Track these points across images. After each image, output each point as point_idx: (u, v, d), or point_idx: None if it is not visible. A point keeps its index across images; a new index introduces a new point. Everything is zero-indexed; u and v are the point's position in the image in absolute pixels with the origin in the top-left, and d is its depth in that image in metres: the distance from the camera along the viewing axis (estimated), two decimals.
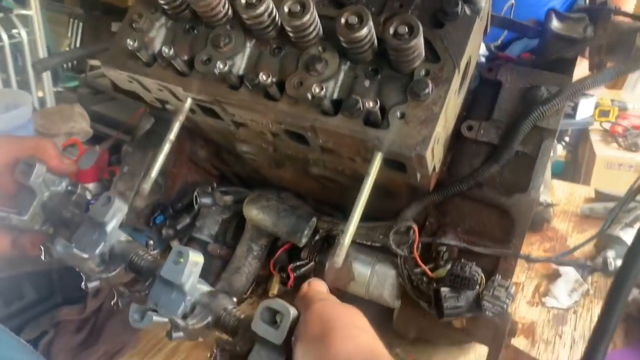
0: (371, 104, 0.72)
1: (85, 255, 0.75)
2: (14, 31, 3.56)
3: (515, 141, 0.90)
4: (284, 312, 0.57)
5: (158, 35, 0.88)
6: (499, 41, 1.06)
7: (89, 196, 1.12)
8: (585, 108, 3.08)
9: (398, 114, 0.75)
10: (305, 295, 0.63)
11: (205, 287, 0.68)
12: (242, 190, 1.11)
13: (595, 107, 3.23)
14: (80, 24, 4.93)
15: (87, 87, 2.77)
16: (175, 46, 0.84)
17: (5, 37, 3.47)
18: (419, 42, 0.73)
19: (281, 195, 1.08)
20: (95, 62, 2.94)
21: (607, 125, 3.22)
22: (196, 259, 0.67)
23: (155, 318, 0.64)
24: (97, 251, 0.76)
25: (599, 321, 0.58)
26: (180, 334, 0.63)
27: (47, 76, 3.67)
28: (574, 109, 2.93)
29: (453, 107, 0.82)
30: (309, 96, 0.77)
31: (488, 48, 1.04)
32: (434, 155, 0.80)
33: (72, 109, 1.81)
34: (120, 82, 0.93)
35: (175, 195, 1.14)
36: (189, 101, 0.86)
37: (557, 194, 1.69)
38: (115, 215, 0.77)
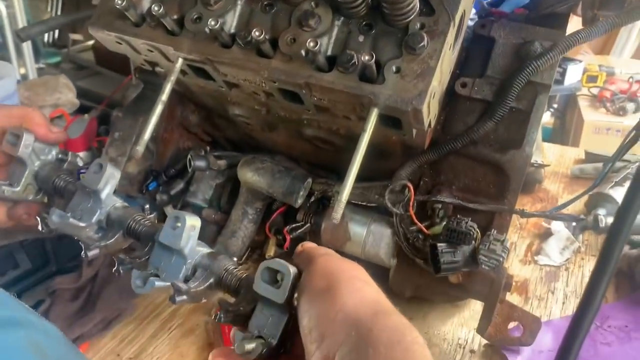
0: (367, 58, 0.71)
1: (82, 224, 0.74)
2: None
3: (510, 97, 0.89)
4: (284, 271, 0.57)
5: None
6: None
7: (80, 164, 1.11)
8: (573, 74, 3.08)
9: (394, 68, 0.74)
10: (305, 252, 0.62)
11: (205, 249, 0.68)
12: (236, 154, 1.10)
13: (583, 73, 3.24)
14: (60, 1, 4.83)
15: (70, 62, 2.71)
16: (164, 4, 0.82)
17: None
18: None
19: (275, 159, 1.08)
20: (77, 37, 2.88)
21: (595, 91, 3.23)
22: (193, 222, 0.67)
23: (158, 283, 0.64)
24: (94, 219, 0.75)
25: (593, 277, 0.59)
26: (184, 297, 0.63)
27: (28, 52, 3.59)
28: (562, 74, 2.94)
29: (448, 62, 0.81)
30: (303, 52, 0.76)
31: (481, 4, 1.03)
32: (430, 110, 0.80)
33: (57, 79, 1.77)
34: (108, 44, 0.91)
35: (168, 162, 1.13)
36: (179, 61, 0.84)
37: (547, 156, 1.70)
38: (109, 181, 0.76)
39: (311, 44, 0.73)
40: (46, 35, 3.13)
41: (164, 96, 0.83)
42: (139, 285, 0.65)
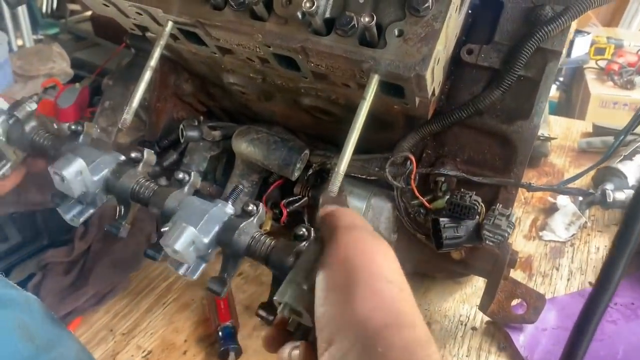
0: (367, 20, 0.67)
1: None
2: None
3: (518, 64, 0.85)
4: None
5: None
6: None
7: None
8: (580, 46, 3.01)
9: (396, 31, 0.69)
10: (326, 221, 0.56)
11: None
12: (231, 125, 1.06)
13: (591, 45, 3.17)
14: None
15: (68, 33, 2.65)
16: None
17: None
18: None
19: (272, 130, 1.04)
20: (75, 7, 2.81)
21: (602, 64, 3.15)
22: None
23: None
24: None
25: (609, 257, 0.55)
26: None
27: (25, 23, 3.51)
28: (569, 47, 2.86)
29: (454, 26, 0.76)
30: (299, 14, 0.71)
31: None
32: (434, 77, 0.75)
33: (50, 48, 1.72)
34: (95, 7, 0.86)
35: (161, 132, 1.09)
36: (169, 25, 0.80)
37: (554, 129, 1.66)
38: None
39: (307, 5, 0.68)
40: (44, 5, 3.07)
41: (153, 62, 0.79)
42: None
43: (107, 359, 0.95)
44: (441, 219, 0.83)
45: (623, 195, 1.22)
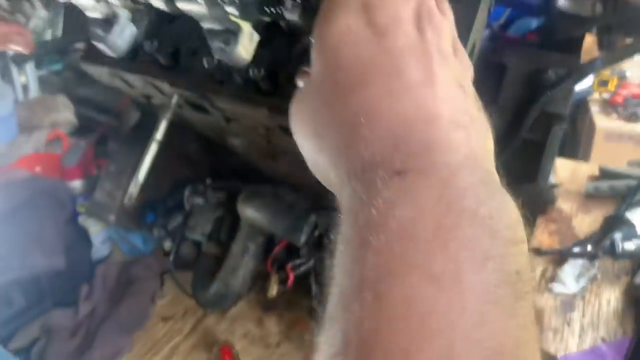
0: None
1: None
2: None
3: (523, 128, 0.85)
4: None
5: (139, 26, 0.82)
6: (502, 19, 1.00)
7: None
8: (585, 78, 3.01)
9: None
10: None
11: None
12: (236, 185, 1.06)
13: (595, 77, 3.18)
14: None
15: (72, 70, 2.68)
16: (159, 38, 0.78)
17: None
18: None
19: (276, 190, 1.03)
20: (79, 45, 2.85)
21: (606, 95, 3.16)
22: None
23: None
24: None
25: None
26: None
27: (31, 72, 3.56)
28: None
29: None
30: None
31: (491, 27, 0.98)
32: None
33: (55, 99, 1.74)
34: (101, 78, 0.87)
35: (166, 192, 1.09)
36: (175, 97, 0.80)
37: (559, 173, 1.65)
38: None
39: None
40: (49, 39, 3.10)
41: (159, 135, 0.79)
42: None
43: None
44: None
45: (632, 245, 1.21)
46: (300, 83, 0.43)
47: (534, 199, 0.86)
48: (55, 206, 1.06)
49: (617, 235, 1.26)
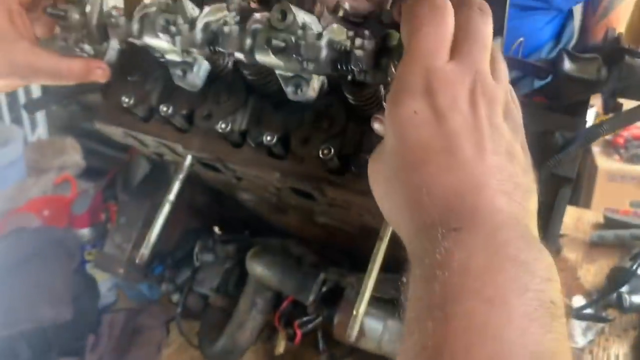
0: None
1: None
2: None
3: None
4: None
5: (154, 88, 0.83)
6: (509, 80, 1.02)
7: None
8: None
9: None
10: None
11: None
12: (245, 238, 1.06)
13: (596, 118, 3.21)
14: None
15: (78, 104, 2.71)
16: (173, 100, 0.80)
17: None
18: None
19: (285, 243, 1.04)
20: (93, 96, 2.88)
21: (607, 137, 3.19)
22: None
23: None
24: None
25: None
26: None
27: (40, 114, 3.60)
28: None
29: None
30: (316, 155, 0.73)
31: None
32: None
33: (63, 141, 1.76)
34: (115, 137, 0.88)
35: (175, 244, 1.09)
36: (189, 158, 0.82)
37: (564, 221, 1.65)
38: None
39: (325, 151, 0.70)
40: None
41: (172, 196, 0.80)
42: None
43: None
44: None
45: None
46: (375, 126, 0.54)
47: None
48: (63, 257, 1.06)
49: (624, 289, 1.26)
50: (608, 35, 0.99)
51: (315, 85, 0.64)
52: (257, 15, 0.62)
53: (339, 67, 0.59)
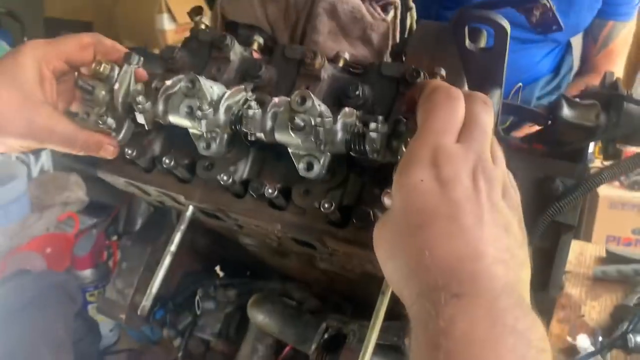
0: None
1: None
2: None
3: (533, 238, 0.85)
4: None
5: (157, 139, 0.84)
6: (507, 123, 1.03)
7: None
8: None
9: None
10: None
11: None
12: (245, 281, 1.06)
13: (595, 144, 3.21)
14: None
15: None
16: (175, 151, 0.81)
17: None
18: None
19: (285, 286, 1.04)
20: None
21: (607, 163, 3.18)
22: None
23: None
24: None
25: None
26: None
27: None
28: None
29: None
30: (317, 205, 0.73)
31: (497, 132, 1.01)
32: None
33: (68, 177, 1.77)
34: (118, 185, 0.89)
35: (175, 287, 1.09)
36: (190, 208, 0.82)
37: None
38: None
39: (326, 205, 0.70)
40: None
41: (173, 247, 0.81)
42: None
43: None
44: None
45: None
46: (385, 201, 0.58)
47: (545, 307, 0.86)
48: (65, 301, 1.06)
49: (629, 328, 1.25)
50: (606, 80, 1.00)
51: (325, 162, 0.69)
52: (276, 100, 0.69)
53: (352, 147, 0.66)
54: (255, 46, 0.92)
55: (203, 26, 0.96)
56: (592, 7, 1.92)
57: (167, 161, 0.77)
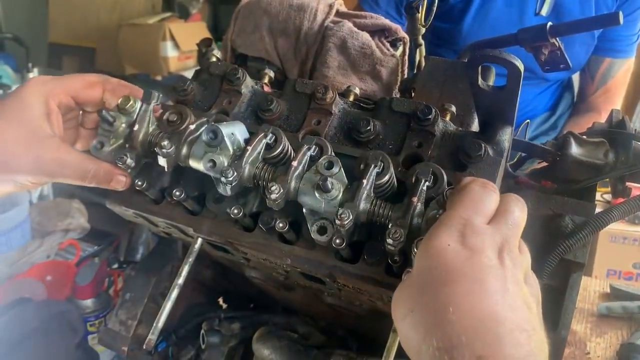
0: (392, 250, 0.67)
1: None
2: None
3: (542, 275, 0.85)
4: None
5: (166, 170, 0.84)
6: (515, 159, 1.04)
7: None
8: None
9: None
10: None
11: None
12: (251, 314, 1.05)
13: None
14: None
15: None
16: (184, 182, 0.81)
17: None
18: (443, 189, 0.70)
19: (290, 320, 1.03)
20: None
21: (608, 197, 3.19)
22: None
23: None
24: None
25: None
26: None
27: None
28: None
29: None
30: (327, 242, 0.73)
31: (505, 169, 1.01)
32: None
33: (69, 203, 1.76)
34: (126, 217, 0.88)
35: (179, 319, 1.08)
36: (199, 241, 0.81)
37: None
38: None
39: (337, 241, 0.69)
40: None
41: (181, 280, 0.80)
42: None
43: None
44: None
45: None
46: (404, 277, 0.58)
47: (555, 347, 0.85)
48: (66, 331, 1.05)
49: None
50: (613, 117, 1.01)
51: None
52: (295, 163, 0.69)
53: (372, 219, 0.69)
54: (266, 79, 0.93)
55: (214, 58, 0.97)
56: (585, 43, 1.89)
57: (177, 193, 0.77)
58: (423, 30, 1.03)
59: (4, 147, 0.68)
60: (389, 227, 0.65)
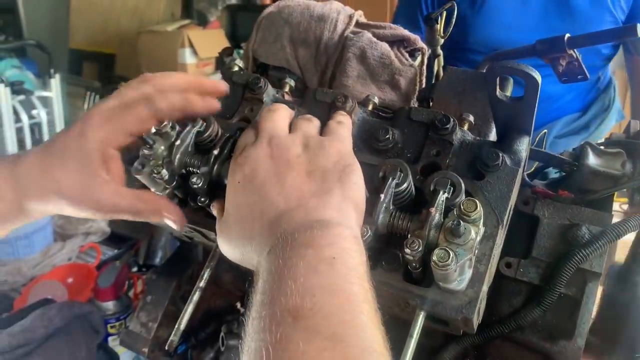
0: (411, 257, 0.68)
1: None
2: (34, 112, 3.64)
3: (558, 284, 0.86)
4: None
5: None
6: (533, 168, 1.04)
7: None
8: None
9: None
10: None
11: None
12: None
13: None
14: (97, 97, 5.02)
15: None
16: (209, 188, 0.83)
17: (25, 118, 3.54)
18: (461, 199, 0.71)
19: None
20: None
21: (625, 207, 3.16)
22: None
23: None
24: None
25: None
26: None
27: None
28: None
29: (496, 260, 0.79)
30: None
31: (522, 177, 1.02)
32: (480, 312, 0.76)
33: None
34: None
35: (198, 322, 1.10)
36: None
37: None
38: None
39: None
40: None
41: (202, 283, 0.82)
42: None
43: None
44: None
45: None
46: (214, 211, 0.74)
47: (570, 356, 0.85)
48: (88, 332, 1.07)
49: None
50: (631, 127, 1.01)
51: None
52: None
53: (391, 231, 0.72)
54: (286, 88, 0.95)
55: (236, 67, 0.99)
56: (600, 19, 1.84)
57: (202, 199, 0.79)
58: (442, 41, 1.04)
59: (62, 191, 0.71)
60: (408, 236, 0.66)
